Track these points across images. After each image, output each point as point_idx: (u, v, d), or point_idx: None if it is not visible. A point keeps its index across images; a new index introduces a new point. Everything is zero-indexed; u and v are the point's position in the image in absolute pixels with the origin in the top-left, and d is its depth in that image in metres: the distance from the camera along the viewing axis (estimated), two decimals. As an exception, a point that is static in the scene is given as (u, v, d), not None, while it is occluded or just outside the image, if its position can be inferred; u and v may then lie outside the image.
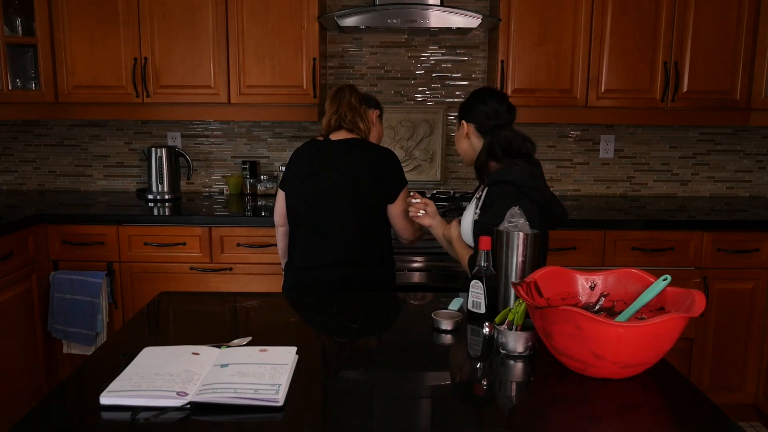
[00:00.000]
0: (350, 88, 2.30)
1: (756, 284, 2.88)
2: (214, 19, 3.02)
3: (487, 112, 2.00)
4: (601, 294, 1.50)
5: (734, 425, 1.14)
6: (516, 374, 1.39)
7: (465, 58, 3.41)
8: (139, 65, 3.04)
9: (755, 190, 3.54)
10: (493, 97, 2.03)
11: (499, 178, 1.91)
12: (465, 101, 2.08)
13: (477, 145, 2.03)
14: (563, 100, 3.08)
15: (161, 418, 1.15)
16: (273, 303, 1.84)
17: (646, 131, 3.47)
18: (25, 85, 3.14)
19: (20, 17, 3.05)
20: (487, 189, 1.94)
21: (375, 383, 1.35)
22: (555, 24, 3.01)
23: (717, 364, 2.94)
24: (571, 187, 3.52)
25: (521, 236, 1.61)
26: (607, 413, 1.21)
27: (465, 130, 2.05)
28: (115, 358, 1.39)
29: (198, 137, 3.49)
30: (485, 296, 1.63)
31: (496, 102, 2.01)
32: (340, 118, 2.24)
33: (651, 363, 1.30)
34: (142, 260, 2.87)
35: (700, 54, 3.03)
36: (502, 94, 2.06)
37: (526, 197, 1.87)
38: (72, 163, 3.54)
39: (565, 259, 2.82)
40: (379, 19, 2.91)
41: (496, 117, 1.99)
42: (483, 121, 2.01)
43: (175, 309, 1.85)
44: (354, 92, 2.29)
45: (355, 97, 2.28)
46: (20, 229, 2.70)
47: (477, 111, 2.02)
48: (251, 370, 1.28)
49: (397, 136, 3.42)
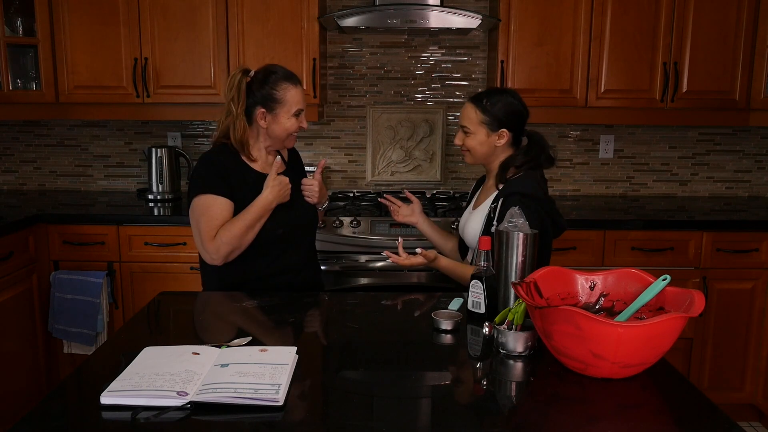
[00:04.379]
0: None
1: (755, 284, 2.89)
2: (214, 19, 3.02)
3: (523, 122, 2.05)
4: (600, 294, 1.50)
5: (734, 425, 1.14)
6: (516, 374, 1.39)
7: (465, 59, 3.42)
8: (140, 65, 3.04)
9: (754, 190, 3.55)
10: (522, 102, 2.06)
11: (519, 190, 1.91)
12: (502, 109, 2.00)
13: (502, 150, 2.04)
14: (563, 100, 3.08)
15: (161, 417, 1.15)
16: (273, 303, 1.84)
17: (645, 131, 3.47)
18: (25, 86, 3.14)
19: (21, 17, 3.05)
20: (504, 200, 1.92)
21: (375, 383, 1.35)
22: (555, 24, 3.01)
23: (716, 364, 2.94)
24: (570, 187, 3.52)
25: (521, 236, 1.61)
26: (607, 413, 1.21)
27: (506, 139, 2.02)
28: (115, 358, 1.39)
29: (198, 137, 3.49)
30: (485, 296, 1.63)
31: (525, 109, 2.06)
32: None
33: (651, 363, 1.30)
34: (142, 260, 2.87)
35: (699, 54, 3.04)
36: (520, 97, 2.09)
37: (544, 210, 1.91)
38: (72, 163, 3.54)
39: (565, 259, 2.82)
40: (379, 19, 2.92)
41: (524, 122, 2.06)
42: (520, 131, 2.05)
43: (175, 309, 1.86)
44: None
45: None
46: (21, 229, 2.71)
47: (518, 120, 2.03)
48: (251, 370, 1.28)
49: (397, 136, 3.42)
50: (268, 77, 2.01)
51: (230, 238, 1.92)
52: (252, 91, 2.00)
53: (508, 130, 2.02)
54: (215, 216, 1.94)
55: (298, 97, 2.02)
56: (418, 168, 3.44)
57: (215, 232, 1.94)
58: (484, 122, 2.01)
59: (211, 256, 1.95)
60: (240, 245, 1.95)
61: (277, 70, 2.03)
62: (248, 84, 2.00)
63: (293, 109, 2.01)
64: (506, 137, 2.02)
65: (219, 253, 1.93)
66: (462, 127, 2.06)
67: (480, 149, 2.04)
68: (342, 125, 3.47)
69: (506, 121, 2.01)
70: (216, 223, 1.94)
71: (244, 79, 1.99)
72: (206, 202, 1.95)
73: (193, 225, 1.99)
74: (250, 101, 2.00)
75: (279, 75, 2.01)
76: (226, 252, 1.94)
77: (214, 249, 1.93)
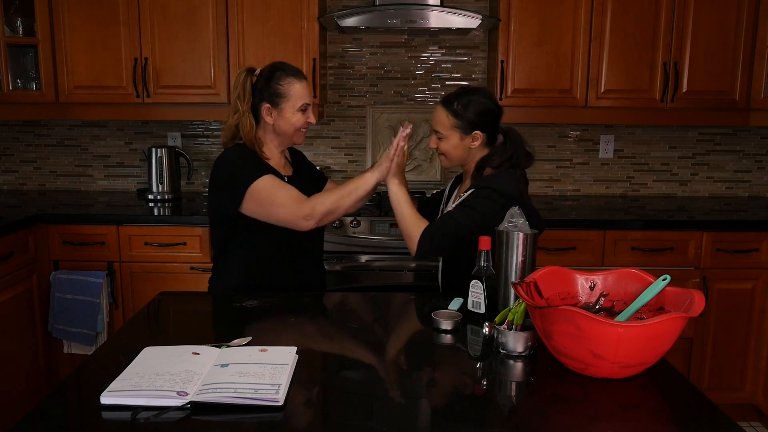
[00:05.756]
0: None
1: (755, 284, 2.89)
2: (214, 19, 3.02)
3: (497, 120, 1.99)
4: (600, 294, 1.50)
5: (734, 425, 1.14)
6: (516, 374, 1.39)
7: (465, 59, 3.42)
8: (140, 65, 3.04)
9: (754, 190, 3.55)
10: (494, 100, 2.00)
11: (492, 185, 1.88)
12: (474, 110, 1.95)
13: (478, 150, 1.99)
14: (563, 100, 3.08)
15: (161, 417, 1.15)
16: (273, 303, 1.84)
17: (645, 131, 3.47)
18: (25, 86, 3.14)
19: (21, 17, 3.05)
20: (474, 191, 1.90)
21: (375, 383, 1.35)
22: (555, 24, 3.01)
23: (717, 364, 2.94)
24: (570, 187, 3.52)
25: (521, 236, 1.61)
26: (607, 413, 1.21)
27: (480, 140, 1.97)
28: (115, 357, 1.39)
29: (198, 137, 3.50)
30: (485, 296, 1.63)
31: (497, 107, 2.00)
32: None
33: (651, 363, 1.30)
34: (142, 260, 2.87)
35: (699, 54, 3.04)
36: (492, 94, 2.03)
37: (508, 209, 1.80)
38: (72, 163, 3.54)
39: (565, 259, 2.82)
40: (379, 19, 2.92)
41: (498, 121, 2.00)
42: (494, 129, 1.99)
43: (175, 309, 1.85)
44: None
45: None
46: (21, 229, 2.71)
47: (491, 119, 1.98)
48: (251, 370, 1.28)
49: (397, 136, 3.42)
50: (272, 73, 2.00)
51: (326, 199, 1.93)
52: (257, 89, 2.00)
53: (482, 131, 1.96)
54: (281, 187, 1.94)
55: (303, 91, 2.00)
56: (418, 168, 3.44)
57: (298, 196, 1.93)
58: (456, 126, 1.95)
59: (305, 214, 1.91)
60: (337, 208, 1.94)
61: (281, 66, 2.02)
62: (254, 82, 2.00)
63: (298, 104, 1.99)
64: (480, 138, 1.96)
65: (315, 210, 1.91)
66: (435, 131, 2.01)
67: (455, 152, 1.99)
68: (342, 125, 3.47)
69: (479, 123, 1.95)
70: (292, 191, 1.94)
71: (249, 78, 1.99)
72: (268, 182, 1.93)
73: (267, 206, 1.93)
74: (256, 98, 2.00)
75: (283, 70, 2.01)
76: (322, 211, 1.92)
77: (310, 207, 1.91)
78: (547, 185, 3.48)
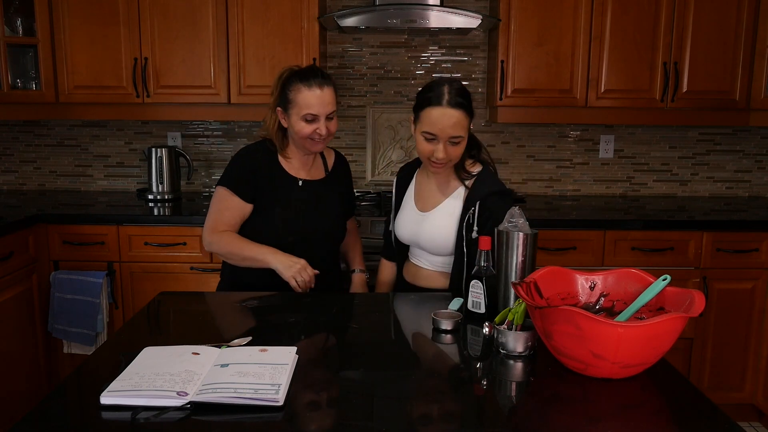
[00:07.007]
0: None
1: (755, 284, 2.89)
2: (214, 19, 3.02)
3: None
4: (600, 294, 1.50)
5: (734, 425, 1.14)
6: (516, 374, 1.39)
7: (465, 59, 3.42)
8: (140, 65, 3.04)
9: (755, 190, 3.55)
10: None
11: (493, 190, 1.88)
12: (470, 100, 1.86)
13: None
14: (563, 100, 3.08)
15: (161, 417, 1.15)
16: (273, 303, 1.84)
17: (645, 131, 3.47)
18: (25, 86, 3.14)
19: (20, 17, 3.05)
20: (481, 202, 1.85)
21: (375, 383, 1.35)
22: (555, 24, 3.01)
23: (716, 364, 2.94)
24: (570, 187, 3.52)
25: (521, 236, 1.61)
26: (607, 413, 1.21)
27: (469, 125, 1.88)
28: (115, 358, 1.39)
29: (198, 137, 3.49)
30: (485, 296, 1.63)
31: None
32: None
33: (651, 363, 1.30)
34: (142, 260, 2.87)
35: (699, 54, 3.04)
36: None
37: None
38: (72, 163, 3.54)
39: (565, 259, 2.82)
40: (379, 19, 2.92)
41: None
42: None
43: (175, 309, 1.85)
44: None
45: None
46: (21, 229, 2.71)
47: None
48: (251, 370, 1.28)
49: (397, 136, 3.42)
50: (290, 77, 1.97)
51: (224, 246, 2.01)
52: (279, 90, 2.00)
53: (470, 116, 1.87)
54: (224, 210, 2.02)
55: (310, 101, 1.91)
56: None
57: (219, 226, 2.02)
58: (470, 124, 1.87)
59: (204, 243, 2.08)
60: (227, 258, 2.04)
61: (300, 71, 1.98)
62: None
63: (302, 112, 1.92)
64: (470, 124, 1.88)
65: (210, 247, 2.06)
66: (452, 138, 1.82)
67: (462, 152, 1.88)
68: (342, 125, 3.47)
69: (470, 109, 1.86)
70: (223, 217, 2.02)
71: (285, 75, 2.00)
72: (223, 195, 2.03)
73: (209, 209, 2.08)
74: (278, 99, 2.01)
75: (298, 76, 1.96)
76: (214, 251, 2.10)
77: (208, 242, 2.05)
78: (547, 185, 3.48)
